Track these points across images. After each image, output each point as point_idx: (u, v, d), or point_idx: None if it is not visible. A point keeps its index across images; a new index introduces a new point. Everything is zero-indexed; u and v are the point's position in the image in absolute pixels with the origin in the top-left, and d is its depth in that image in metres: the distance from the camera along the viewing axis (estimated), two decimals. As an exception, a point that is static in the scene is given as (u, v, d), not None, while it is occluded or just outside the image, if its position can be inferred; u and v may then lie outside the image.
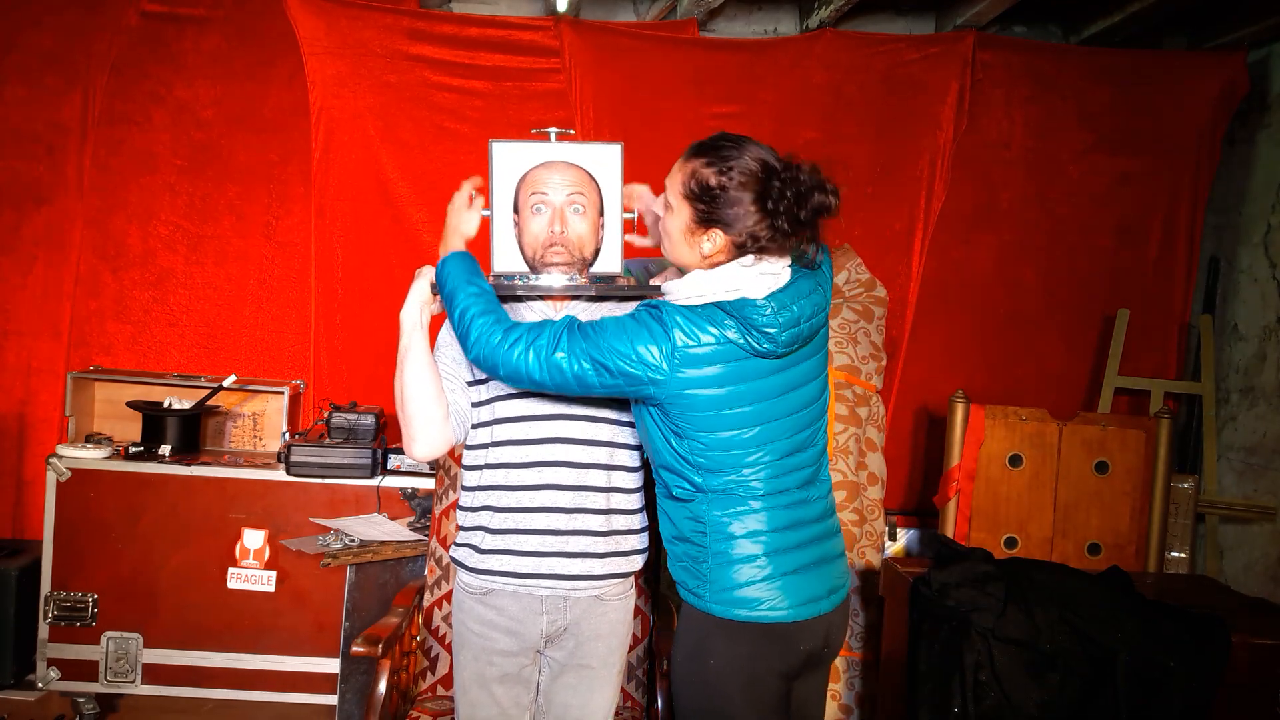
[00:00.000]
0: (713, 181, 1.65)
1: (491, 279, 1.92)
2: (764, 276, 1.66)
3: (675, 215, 1.72)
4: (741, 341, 1.64)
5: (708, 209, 1.66)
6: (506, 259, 1.93)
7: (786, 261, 1.70)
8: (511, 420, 1.86)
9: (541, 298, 1.92)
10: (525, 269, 1.92)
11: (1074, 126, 3.65)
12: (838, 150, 3.57)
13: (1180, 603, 2.32)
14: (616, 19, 3.73)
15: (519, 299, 1.93)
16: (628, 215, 1.97)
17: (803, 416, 1.74)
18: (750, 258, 1.67)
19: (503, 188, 1.92)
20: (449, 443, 1.88)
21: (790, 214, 1.62)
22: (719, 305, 1.65)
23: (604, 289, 1.88)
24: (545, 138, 1.92)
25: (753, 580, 1.67)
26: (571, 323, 1.69)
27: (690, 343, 1.62)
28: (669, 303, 1.68)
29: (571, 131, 1.95)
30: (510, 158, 1.91)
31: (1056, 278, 3.71)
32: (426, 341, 1.84)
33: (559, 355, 1.66)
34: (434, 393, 1.84)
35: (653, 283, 1.95)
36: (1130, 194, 3.68)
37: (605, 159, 1.92)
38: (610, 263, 1.95)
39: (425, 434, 1.84)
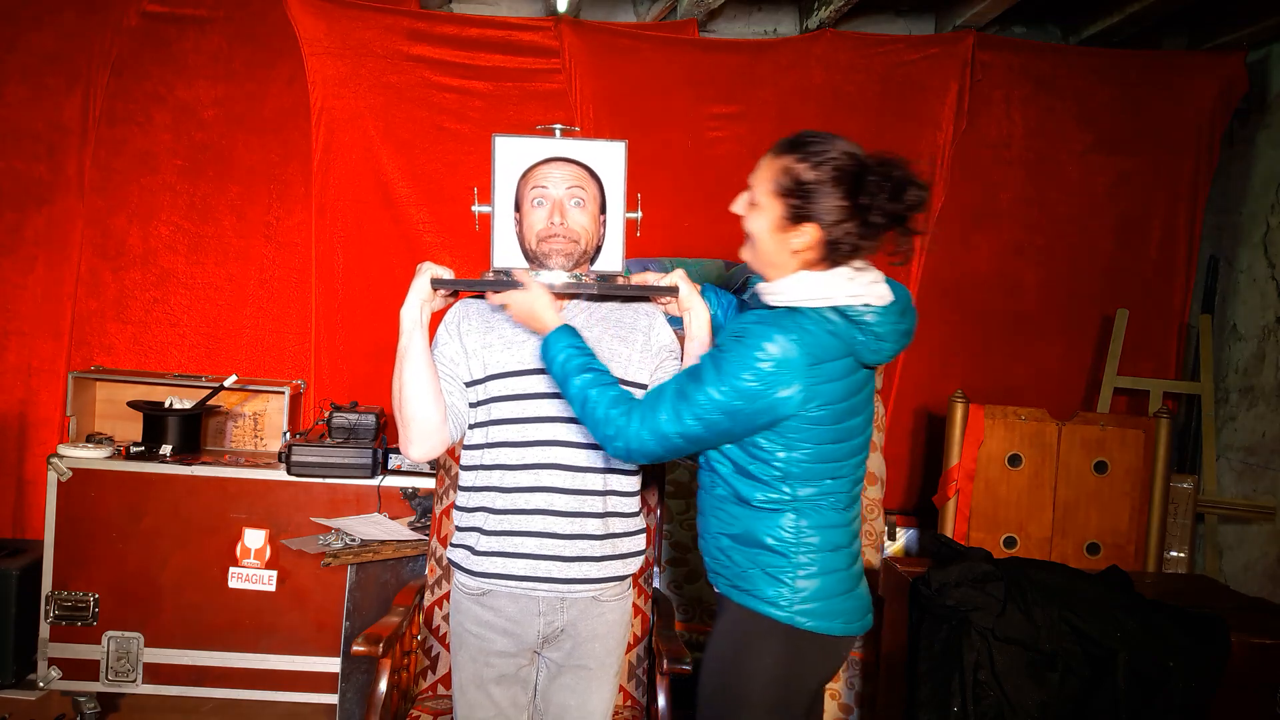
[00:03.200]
0: (806, 176, 1.61)
1: (491, 274, 1.91)
2: (877, 285, 1.66)
3: (762, 213, 1.67)
4: (861, 350, 1.64)
5: (801, 204, 1.62)
6: (506, 255, 1.93)
7: (879, 273, 1.70)
8: (507, 422, 1.85)
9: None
10: (525, 265, 1.91)
11: (1074, 126, 3.65)
12: (837, 150, 3.57)
13: (1180, 603, 2.32)
14: (616, 19, 3.73)
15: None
16: (630, 215, 1.97)
17: (870, 433, 1.78)
18: (859, 263, 1.66)
19: (504, 183, 1.91)
20: (445, 444, 1.87)
21: (884, 208, 1.60)
22: (840, 311, 1.63)
23: (605, 288, 1.87)
24: (550, 134, 1.92)
25: (832, 594, 1.68)
26: (680, 382, 1.65)
27: (819, 353, 1.60)
28: (784, 309, 1.64)
29: (577, 129, 1.95)
30: (513, 153, 1.90)
31: (1056, 278, 3.72)
32: (426, 341, 1.83)
33: (688, 421, 1.60)
34: (432, 394, 1.83)
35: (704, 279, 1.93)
36: (1130, 194, 3.68)
37: (609, 156, 1.91)
38: (612, 261, 1.94)
39: (422, 435, 1.84)
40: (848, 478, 1.72)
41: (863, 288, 1.64)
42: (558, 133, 1.91)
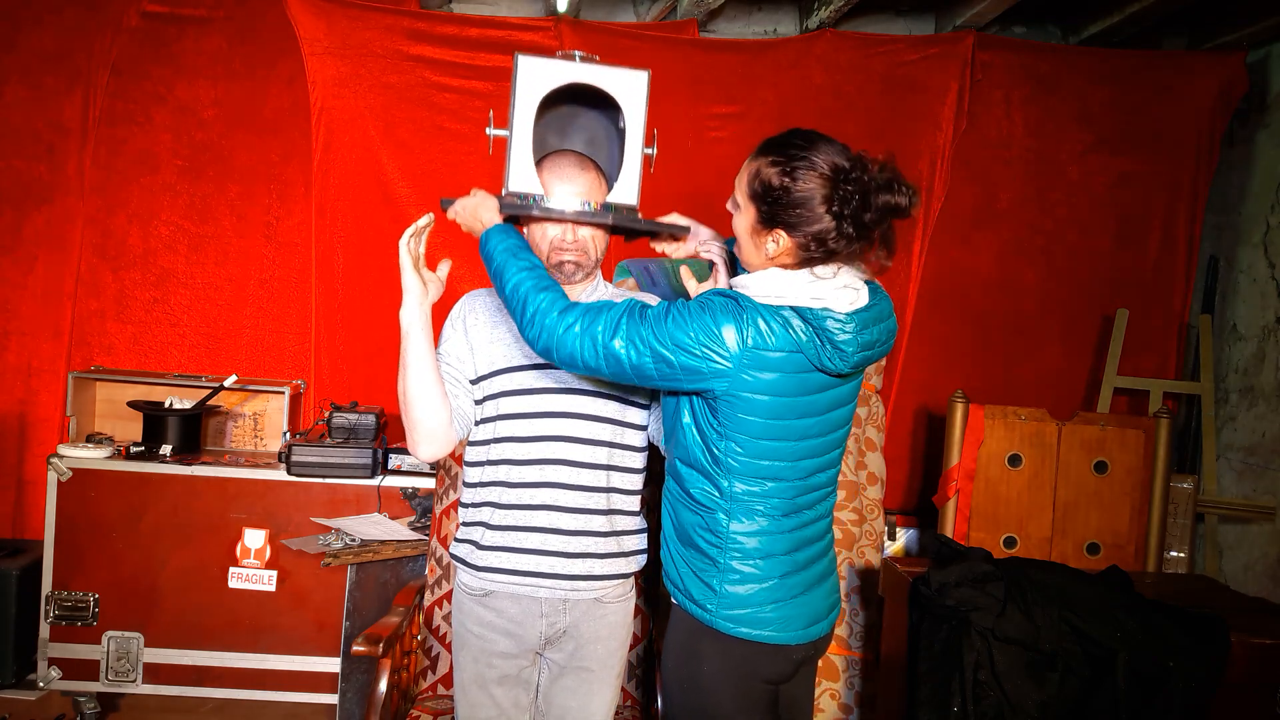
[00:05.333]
0: (775, 181, 1.58)
1: (504, 195, 1.85)
2: (846, 290, 1.60)
3: (742, 215, 1.67)
4: (812, 353, 1.58)
5: (771, 209, 1.60)
6: (522, 179, 1.84)
7: (864, 278, 1.65)
8: (514, 417, 1.86)
9: (553, 220, 1.85)
10: (539, 190, 1.85)
11: (1074, 126, 3.66)
12: (838, 150, 3.58)
13: (1180, 603, 2.32)
14: (616, 19, 3.73)
15: (532, 219, 1.88)
16: (647, 151, 1.90)
17: (835, 437, 1.72)
18: (832, 268, 1.61)
19: (525, 105, 1.83)
20: (452, 443, 1.88)
21: (855, 217, 1.55)
22: (798, 311, 1.59)
23: (619, 219, 1.82)
24: (571, 58, 1.85)
25: (763, 602, 1.65)
26: (632, 307, 1.63)
27: (763, 343, 1.57)
28: (747, 296, 1.62)
29: (596, 57, 1.87)
30: (534, 73, 1.83)
31: (1056, 278, 3.72)
32: (428, 341, 1.81)
33: (617, 344, 1.59)
34: (438, 396, 1.83)
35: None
36: (1130, 194, 3.68)
37: (631, 85, 1.85)
38: (627, 194, 1.88)
39: (430, 437, 1.84)
40: (791, 481, 1.66)
41: (826, 290, 1.60)
42: (577, 57, 1.85)
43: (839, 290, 1.60)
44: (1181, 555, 3.38)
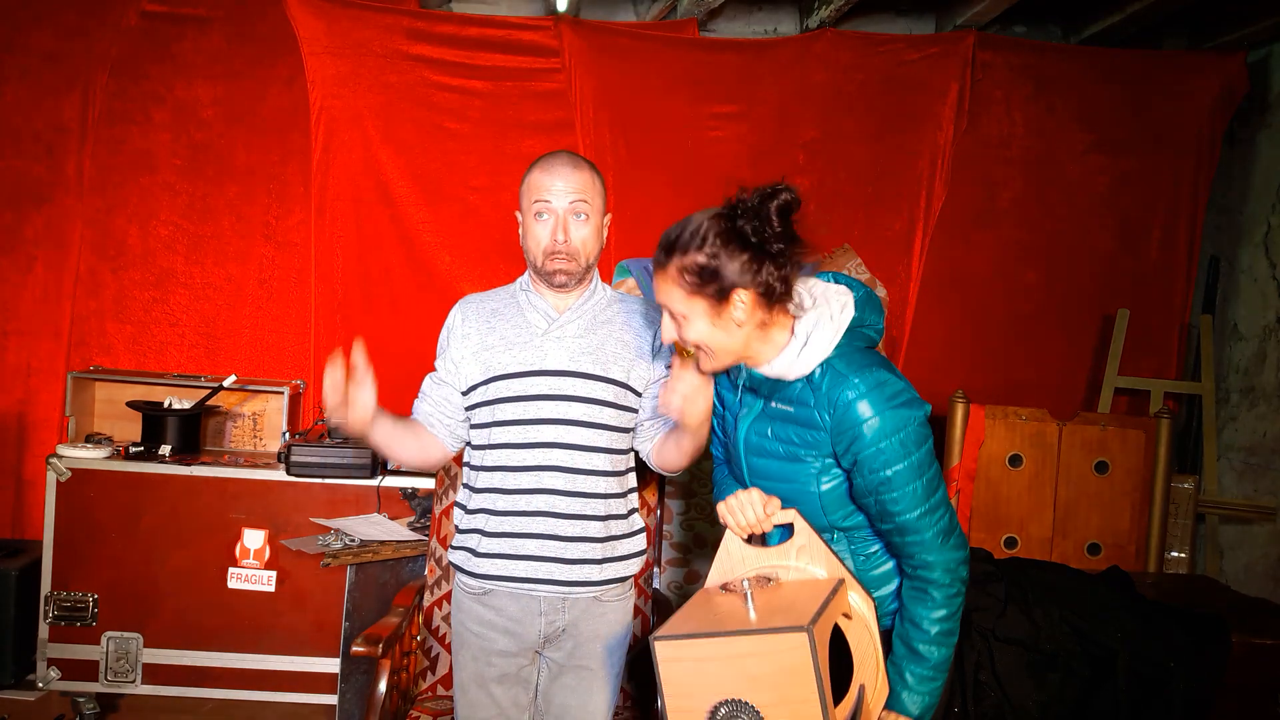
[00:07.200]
0: (702, 260, 1.55)
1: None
2: (830, 288, 1.65)
3: (694, 319, 1.59)
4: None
5: (718, 284, 1.55)
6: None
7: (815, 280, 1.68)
8: (509, 424, 1.85)
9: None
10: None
11: (1074, 126, 3.65)
12: (838, 150, 3.57)
13: (1180, 603, 2.32)
14: (616, 19, 3.73)
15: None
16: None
17: None
18: (809, 293, 1.62)
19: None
20: (448, 457, 1.96)
21: (770, 234, 1.54)
22: (850, 327, 1.64)
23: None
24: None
25: None
26: (921, 508, 1.57)
27: (890, 366, 1.64)
28: (842, 361, 1.58)
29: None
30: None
31: (1056, 278, 3.72)
32: (390, 425, 1.86)
33: (948, 517, 1.63)
34: (417, 443, 1.93)
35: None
36: (1130, 194, 3.68)
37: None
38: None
39: (423, 465, 1.99)
40: None
41: (835, 295, 1.63)
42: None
43: (836, 294, 1.63)
44: (1182, 555, 3.38)
